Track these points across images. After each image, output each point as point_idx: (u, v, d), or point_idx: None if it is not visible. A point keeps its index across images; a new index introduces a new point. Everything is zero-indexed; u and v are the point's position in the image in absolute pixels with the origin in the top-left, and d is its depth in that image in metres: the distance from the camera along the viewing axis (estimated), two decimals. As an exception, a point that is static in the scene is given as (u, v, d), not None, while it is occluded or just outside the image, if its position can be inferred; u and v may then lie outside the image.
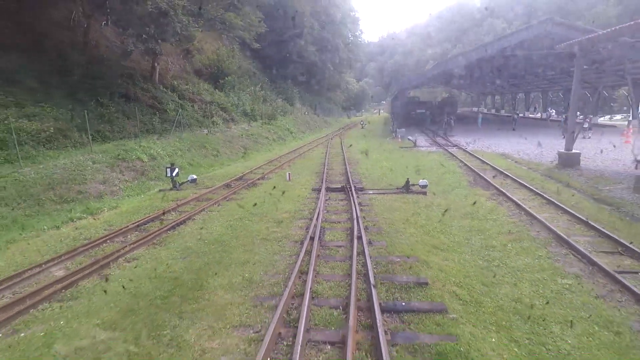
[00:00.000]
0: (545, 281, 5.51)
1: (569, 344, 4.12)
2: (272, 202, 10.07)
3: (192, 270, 5.95)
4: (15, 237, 8.14)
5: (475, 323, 4.51)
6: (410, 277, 5.56)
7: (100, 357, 3.86)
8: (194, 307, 4.87)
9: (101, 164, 13.29)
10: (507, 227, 7.77)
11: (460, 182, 12.02)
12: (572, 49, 13.33)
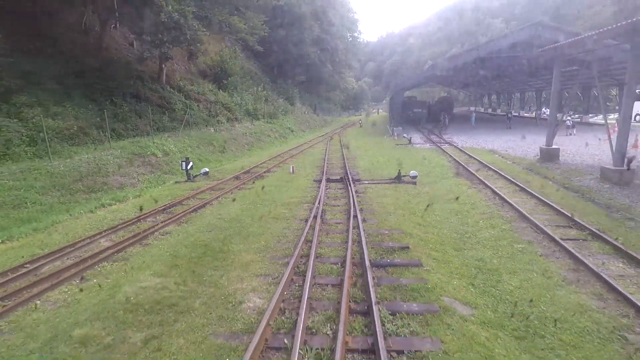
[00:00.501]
0: (504, 246, 6.88)
1: (512, 285, 5.48)
2: (278, 191, 11.44)
3: (218, 240, 7.32)
4: (58, 219, 9.49)
5: (443, 273, 5.88)
6: (395, 244, 6.93)
7: (160, 292, 5.22)
8: (224, 263, 6.23)
9: (120, 159, 14.64)
10: (481, 209, 9.15)
11: (447, 174, 13.41)
12: (547, 54, 14.71)
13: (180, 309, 4.83)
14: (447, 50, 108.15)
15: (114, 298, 5.12)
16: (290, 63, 39.27)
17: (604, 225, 7.74)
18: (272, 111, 31.75)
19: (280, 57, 37.69)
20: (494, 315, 4.75)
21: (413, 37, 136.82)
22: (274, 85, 38.09)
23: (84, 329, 4.43)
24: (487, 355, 3.97)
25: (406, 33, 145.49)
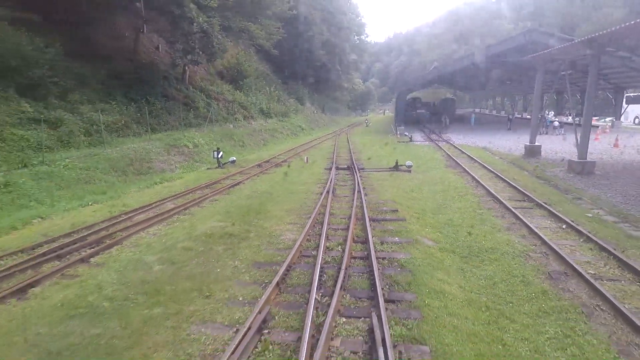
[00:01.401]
0: (469, 212, 9.31)
1: (467, 232, 7.89)
2: (296, 175, 13.98)
3: (255, 204, 9.87)
4: (123, 191, 12.10)
5: (419, 225, 8.34)
6: (388, 208, 9.41)
7: (224, 229, 7.75)
8: (263, 216, 8.77)
9: (159, 148, 17.28)
10: (460, 189, 11.58)
11: (439, 165, 15.83)
12: (532, 61, 17.05)
13: (241, 237, 7.37)
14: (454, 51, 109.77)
15: (195, 231, 7.67)
16: (300, 65, 41.86)
17: (552, 200, 10.11)
18: (283, 110, 34.35)
19: (291, 59, 40.29)
20: (449, 246, 7.21)
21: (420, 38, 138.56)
22: (285, 86, 40.71)
23: (183, 244, 7.00)
24: (438, 261, 6.43)
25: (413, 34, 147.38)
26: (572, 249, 6.85)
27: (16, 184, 11.29)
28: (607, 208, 9.50)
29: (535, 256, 6.61)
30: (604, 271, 5.96)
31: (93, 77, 19.73)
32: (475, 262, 6.49)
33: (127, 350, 4.09)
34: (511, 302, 5.18)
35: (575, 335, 4.37)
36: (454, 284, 5.69)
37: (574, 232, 7.59)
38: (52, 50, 17.04)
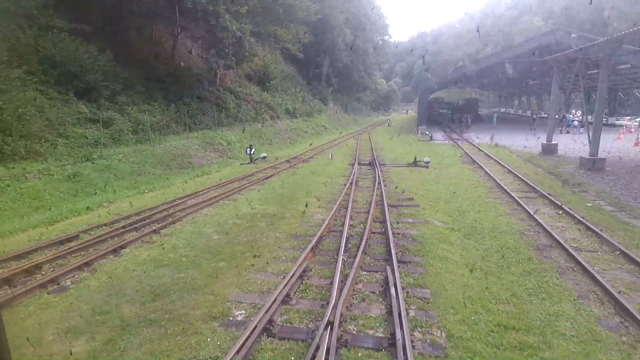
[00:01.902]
0: (478, 201, 10.50)
1: (473, 217, 9.11)
2: (322, 169, 15.47)
3: (288, 192, 11.42)
4: (171, 182, 13.92)
5: (432, 210, 9.63)
6: (404, 197, 10.74)
7: (264, 211, 9.32)
8: (296, 202, 10.29)
9: (196, 146, 19.16)
10: (472, 182, 12.75)
11: (456, 162, 16.95)
12: (548, 63, 17.87)
13: (279, 217, 8.91)
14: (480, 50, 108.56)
15: (240, 212, 9.29)
16: (324, 66, 43.41)
17: (556, 192, 11.15)
18: (308, 110, 35.96)
19: (315, 61, 41.87)
20: (455, 226, 8.49)
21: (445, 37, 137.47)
22: (309, 86, 42.34)
23: (232, 220, 8.61)
24: (445, 237, 7.74)
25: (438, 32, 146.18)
26: (563, 229, 8.00)
27: (82, 175, 13.30)
28: (608, 199, 10.49)
29: (528, 234, 7.81)
30: (584, 245, 7.12)
31: (136, 81, 21.85)
32: (477, 238, 7.75)
33: (206, 287, 5.65)
34: (501, 266, 6.45)
35: (547, 286, 5.62)
36: (456, 252, 7.01)
37: (569, 216, 8.70)
38: (104, 57, 19.14)
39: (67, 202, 11.33)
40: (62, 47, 17.51)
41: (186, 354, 4.16)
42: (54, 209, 10.63)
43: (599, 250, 6.86)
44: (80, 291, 5.66)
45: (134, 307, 5.13)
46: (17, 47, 16.03)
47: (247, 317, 4.84)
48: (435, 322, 4.70)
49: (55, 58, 16.98)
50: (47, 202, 11.23)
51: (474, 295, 5.41)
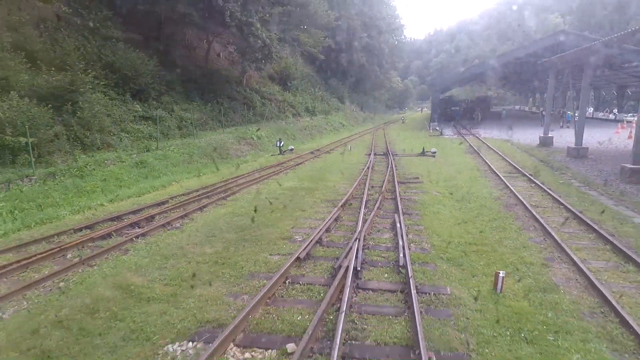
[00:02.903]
0: (472, 179, 13.18)
1: (465, 189, 11.81)
2: (343, 159, 18.35)
3: (317, 174, 14.35)
4: (207, 171, 16.98)
5: (432, 185, 12.38)
6: (412, 177, 13.52)
7: (301, 185, 12.25)
8: (324, 180, 13.20)
9: (232, 140, 22.26)
10: (471, 167, 15.41)
11: (460, 153, 19.57)
12: (545, 65, 20.27)
13: (313, 189, 11.83)
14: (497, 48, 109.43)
15: (282, 187, 12.25)
16: (341, 67, 46.26)
17: (538, 173, 13.72)
18: (326, 109, 38.86)
19: (333, 62, 44.75)
20: (449, 195, 11.23)
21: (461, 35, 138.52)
22: (327, 86, 45.25)
23: (279, 191, 11.58)
24: (439, 201, 10.50)
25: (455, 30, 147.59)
26: (530, 195, 10.67)
27: (146, 162, 16.46)
28: (579, 178, 13.03)
29: (503, 198, 10.51)
30: (541, 203, 9.80)
31: (176, 83, 25.10)
32: (463, 202, 10.48)
33: (273, 225, 8.58)
34: (477, 216, 9.17)
35: (504, 226, 8.34)
36: (446, 210, 9.77)
37: (538, 188, 11.34)
38: (151, 62, 22.34)
39: (141, 182, 14.49)
40: (120, 55, 20.70)
41: (272, 251, 7.09)
42: (134, 186, 13.80)
43: (550, 207, 9.53)
44: (189, 228, 8.68)
45: (230, 234, 8.10)
46: (85, 56, 19.33)
47: (304, 238, 7.73)
48: (424, 240, 7.52)
49: (115, 64, 20.15)
50: (126, 182, 14.41)
51: (453, 230, 8.18)
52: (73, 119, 15.87)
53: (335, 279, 5.65)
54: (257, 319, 4.90)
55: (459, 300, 5.24)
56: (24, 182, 12.38)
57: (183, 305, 5.25)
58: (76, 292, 5.73)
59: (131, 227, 8.86)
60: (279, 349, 4.28)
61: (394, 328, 4.64)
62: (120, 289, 5.73)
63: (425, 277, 5.88)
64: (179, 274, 6.21)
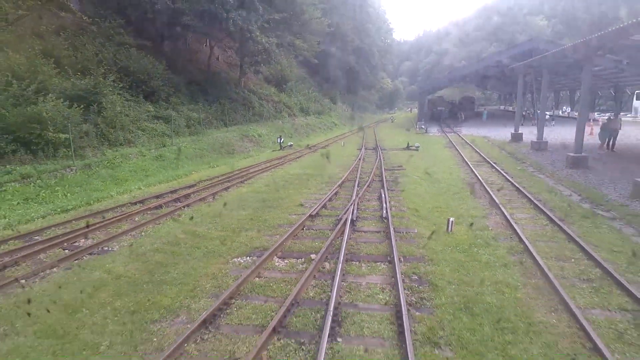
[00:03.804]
0: (446, 167, 16.03)
1: (437, 175, 14.63)
2: (338, 152, 21.10)
3: (316, 164, 17.06)
4: (226, 161, 19.56)
5: (412, 171, 15.19)
6: (396, 165, 16.32)
7: (304, 172, 14.95)
8: (323, 168, 15.92)
9: (236, 137, 24.84)
10: (447, 158, 18.28)
11: (440, 147, 22.49)
12: (515, 70, 23.32)
13: (314, 175, 14.55)
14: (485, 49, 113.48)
15: (288, 174, 14.94)
16: (333, 69, 49.13)
17: (501, 162, 16.61)
18: (319, 109, 41.63)
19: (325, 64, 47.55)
20: (425, 178, 14.04)
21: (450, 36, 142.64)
22: (320, 87, 48.07)
23: (286, 177, 14.29)
24: (417, 182, 13.30)
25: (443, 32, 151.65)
26: (488, 176, 13.55)
27: (164, 156, 18.98)
28: (535, 166, 15.97)
29: (467, 179, 13.37)
30: (495, 182, 12.67)
31: (182, 85, 27.57)
32: (436, 182, 13.28)
33: (286, 198, 11.26)
34: (445, 192, 11.96)
35: (463, 197, 11.14)
36: (421, 187, 12.56)
37: (497, 172, 14.24)
38: (160, 66, 24.78)
39: (164, 172, 17.01)
40: (133, 60, 23.09)
41: (290, 212, 9.77)
42: (159, 175, 16.31)
43: (502, 185, 12.40)
44: (222, 201, 11.31)
45: (255, 204, 10.76)
46: (103, 61, 21.69)
47: (312, 205, 10.40)
48: (402, 204, 10.28)
49: (129, 68, 22.52)
50: (151, 172, 16.91)
51: (424, 199, 10.96)
52: (99, 118, 18.23)
53: (338, 226, 8.36)
54: (288, 245, 7.59)
55: (421, 235, 7.99)
56: (67, 172, 14.84)
57: (236, 241, 7.91)
58: (158, 236, 8.34)
59: (174, 202, 11.45)
60: (306, 258, 6.96)
61: (377, 248, 7.37)
62: (189, 233, 8.36)
63: (400, 223, 8.64)
64: (226, 226, 8.86)
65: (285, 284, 5.92)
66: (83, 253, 7.50)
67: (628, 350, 4.26)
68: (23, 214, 10.28)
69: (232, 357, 4.29)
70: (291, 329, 4.81)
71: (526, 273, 6.16)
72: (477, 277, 5.98)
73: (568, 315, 4.88)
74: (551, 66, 19.03)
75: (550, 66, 18.94)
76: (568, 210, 9.46)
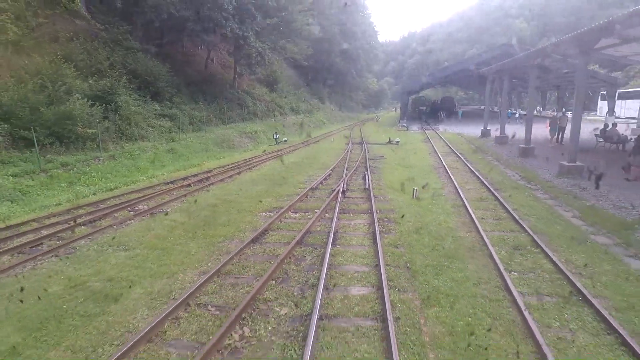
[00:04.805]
0: (420, 157, 19.35)
1: (411, 162, 17.92)
2: (328, 146, 24.24)
3: (311, 154, 20.20)
4: (229, 154, 22.47)
5: (391, 160, 18.47)
6: (378, 155, 19.58)
7: (301, 160, 18.05)
8: (317, 158, 19.06)
9: (234, 133, 27.74)
10: (422, 150, 21.63)
11: (418, 142, 25.88)
12: (483, 73, 26.86)
13: (310, 163, 17.67)
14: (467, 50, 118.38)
15: (287, 162, 18.02)
16: (321, 71, 52.36)
17: (466, 153, 19.98)
18: (308, 108, 44.74)
19: (314, 66, 50.75)
20: (401, 165, 17.31)
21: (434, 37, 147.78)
22: (309, 88, 51.20)
23: (286, 163, 17.35)
24: (393, 167, 16.55)
25: (428, 32, 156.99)
26: (452, 163, 16.88)
27: (175, 149, 21.81)
28: (494, 155, 19.39)
29: (435, 165, 16.67)
30: (457, 167, 16.00)
31: (183, 86, 30.32)
32: (410, 168, 16.52)
33: (291, 177, 14.35)
34: (416, 174, 15.16)
35: (429, 175, 14.41)
36: (397, 172, 15.78)
37: (460, 160, 17.59)
38: (164, 68, 27.47)
39: (178, 163, 19.84)
40: (140, 63, 25.74)
41: (295, 187, 12.86)
42: (174, 165, 19.15)
43: (462, 169, 15.73)
44: (238, 181, 14.31)
45: (266, 182, 13.80)
46: (114, 64, 24.30)
47: (311, 183, 13.46)
48: (381, 182, 13.48)
49: (137, 71, 25.15)
50: (167, 162, 19.73)
51: (399, 179, 14.15)
52: (116, 115, 20.90)
53: (332, 194, 11.49)
54: (298, 205, 10.69)
55: (393, 199, 11.18)
56: (95, 162, 17.59)
57: (259, 204, 10.96)
58: (198, 202, 11.32)
59: (199, 182, 14.39)
60: (311, 211, 10.05)
61: (361, 206, 10.52)
62: (221, 200, 11.37)
63: (378, 192, 11.83)
64: (247, 196, 11.89)
65: (300, 224, 9.02)
66: (146, 213, 10.44)
67: (503, 246, 7.49)
68: (77, 193, 13.09)
69: (273, 254, 7.35)
70: (307, 242, 7.92)
71: (459, 216, 9.41)
72: (426, 218, 9.20)
73: (476, 233, 8.12)
74: (510, 71, 22.57)
75: (509, 71, 22.48)
76: (505, 184, 12.82)
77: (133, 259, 7.25)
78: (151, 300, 5.70)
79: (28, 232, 8.81)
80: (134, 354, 4.47)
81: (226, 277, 6.42)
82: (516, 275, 6.24)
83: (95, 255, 7.46)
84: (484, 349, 4.41)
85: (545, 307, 5.29)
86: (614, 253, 7.18)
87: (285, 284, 6.13)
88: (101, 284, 6.18)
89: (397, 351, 4.26)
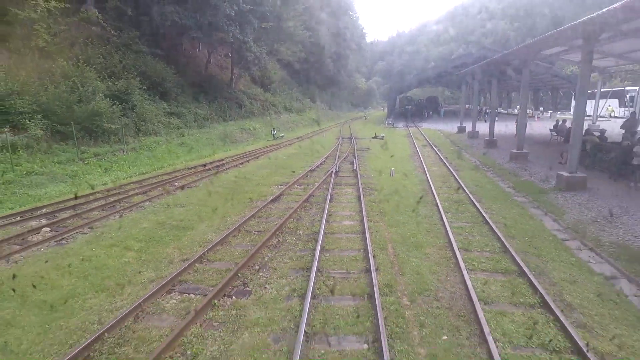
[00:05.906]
0: (400, 149, 22.85)
1: (393, 151, 21.39)
2: (321, 141, 27.61)
3: (307, 148, 23.54)
4: (234, 148, 25.66)
5: (376, 151, 21.94)
6: (365, 148, 23.04)
7: (298, 152, 21.40)
8: (312, 150, 22.38)
9: (235, 130, 30.91)
10: (403, 144, 25.16)
11: (401, 137, 29.43)
12: (464, 74, 30.51)
13: (307, 153, 21.04)
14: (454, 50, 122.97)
15: (287, 153, 21.33)
16: (312, 71, 55.72)
17: (440, 145, 23.53)
18: (300, 107, 48.07)
19: (305, 67, 54.10)
20: (384, 154, 20.75)
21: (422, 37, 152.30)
22: (301, 87, 54.52)
23: (286, 154, 20.67)
24: (377, 156, 19.99)
25: (416, 32, 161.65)
26: (427, 153, 20.42)
27: (186, 143, 24.94)
28: (464, 147, 22.97)
29: (413, 154, 20.17)
30: (429, 156, 19.54)
31: (186, 86, 33.39)
32: (390, 157, 19.95)
33: (294, 163, 17.70)
34: (395, 161, 18.62)
35: (406, 161, 17.89)
36: (380, 160, 19.22)
37: (434, 151, 21.12)
38: (170, 70, 30.48)
39: (190, 154, 22.97)
40: (149, 65, 28.71)
41: (296, 169, 16.20)
42: (187, 156, 22.29)
43: (433, 157, 19.25)
44: (249, 166, 17.57)
45: (271, 167, 17.11)
46: (126, 67, 27.23)
47: (310, 166, 16.79)
48: (366, 166, 16.92)
49: (147, 73, 28.11)
50: (180, 154, 22.84)
51: (381, 165, 17.57)
52: (133, 113, 23.89)
53: (327, 174, 14.85)
54: (301, 180, 14.05)
55: (374, 177, 14.60)
56: (120, 153, 20.63)
57: (270, 180, 14.28)
58: (221, 180, 14.57)
59: (216, 167, 17.61)
60: (312, 184, 13.39)
61: (350, 181, 13.93)
62: (240, 178, 14.66)
63: (364, 173, 15.25)
64: (260, 175, 15.18)
65: (305, 192, 12.38)
66: (184, 187, 13.65)
67: (448, 201, 10.95)
68: (116, 176, 16.19)
69: (289, 207, 10.67)
70: (312, 201, 11.29)
71: (422, 186, 12.90)
72: (399, 188, 12.65)
73: (432, 195, 11.59)
74: (479, 75, 26.25)
75: (479, 75, 26.16)
76: (464, 167, 16.36)
77: (190, 211, 10.52)
78: (215, 229, 9.00)
79: (100, 199, 11.98)
80: (215, 250, 7.76)
81: (259, 219, 9.75)
82: (450, 215, 9.69)
83: (162, 209, 10.71)
84: (420, 242, 7.83)
85: (462, 227, 8.75)
86: (523, 205, 10.70)
87: (300, 221, 9.49)
88: (176, 222, 9.46)
89: (370, 245, 7.63)
